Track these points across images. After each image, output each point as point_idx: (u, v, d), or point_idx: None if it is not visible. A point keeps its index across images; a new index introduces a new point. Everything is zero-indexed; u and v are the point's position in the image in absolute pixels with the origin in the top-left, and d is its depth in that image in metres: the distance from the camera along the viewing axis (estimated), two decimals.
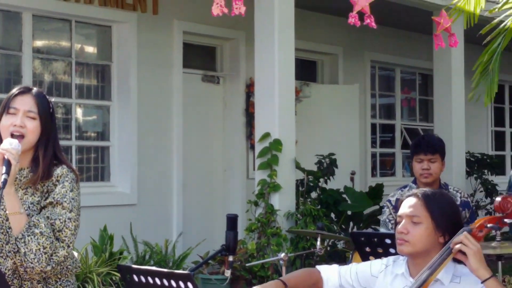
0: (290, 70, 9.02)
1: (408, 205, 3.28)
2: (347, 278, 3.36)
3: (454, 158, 11.13)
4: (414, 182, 5.41)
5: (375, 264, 3.39)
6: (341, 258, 9.61)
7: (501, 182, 13.15)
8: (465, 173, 11.70)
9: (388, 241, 3.66)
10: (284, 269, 5.21)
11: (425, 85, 14.44)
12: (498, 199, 3.28)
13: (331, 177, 9.72)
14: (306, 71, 12.01)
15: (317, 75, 12.36)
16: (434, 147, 5.27)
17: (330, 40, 11.98)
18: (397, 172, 13.66)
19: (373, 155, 13.18)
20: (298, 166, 9.11)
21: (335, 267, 3.43)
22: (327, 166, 9.63)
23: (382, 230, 5.31)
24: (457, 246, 3.08)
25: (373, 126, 13.09)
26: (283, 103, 8.87)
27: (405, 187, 5.42)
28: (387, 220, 5.31)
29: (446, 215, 3.22)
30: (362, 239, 3.78)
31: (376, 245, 3.74)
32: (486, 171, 12.43)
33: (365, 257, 3.79)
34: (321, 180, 9.65)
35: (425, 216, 3.21)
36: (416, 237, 3.20)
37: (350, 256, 5.09)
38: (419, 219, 3.22)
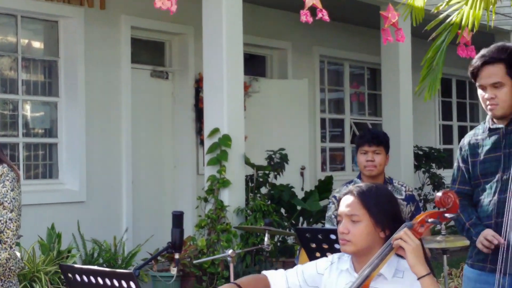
0: (239, 65, 9.01)
1: (346, 204, 3.26)
2: (294, 280, 3.35)
3: (402, 152, 11.24)
4: (359, 177, 5.42)
5: (321, 262, 3.39)
6: (291, 254, 9.63)
7: (448, 175, 13.23)
8: (413, 167, 11.81)
9: (333, 236, 3.66)
10: (231, 265, 5.21)
11: (374, 79, 14.54)
12: (439, 194, 3.28)
13: (281, 173, 9.72)
14: (255, 66, 12.01)
15: (266, 70, 12.36)
16: (378, 138, 5.31)
17: (279, 35, 11.99)
18: (347, 167, 13.73)
19: (323, 150, 13.23)
20: (247, 162, 9.11)
21: (281, 271, 3.41)
22: (278, 161, 9.63)
23: (328, 225, 5.33)
24: (396, 242, 3.08)
25: (323, 120, 13.14)
26: (232, 98, 8.86)
27: (350, 182, 5.42)
28: (333, 216, 5.32)
29: (384, 210, 3.21)
30: (307, 235, 3.78)
31: (321, 241, 3.74)
32: (434, 165, 12.55)
33: (310, 253, 3.80)
34: (271, 175, 9.66)
35: (363, 214, 3.20)
36: (356, 236, 3.19)
37: (298, 251, 5.09)
38: (357, 218, 3.20)
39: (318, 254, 3.78)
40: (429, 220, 3.20)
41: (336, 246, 3.66)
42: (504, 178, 3.87)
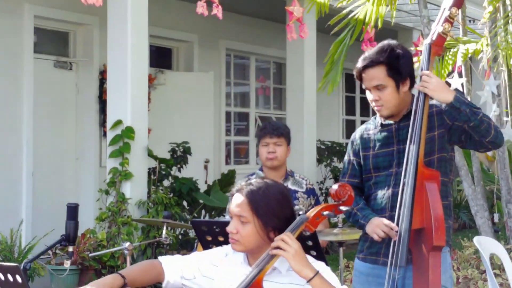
0: (144, 56, 8.95)
1: (235, 203, 3.23)
2: (189, 268, 3.33)
3: (306, 146, 11.36)
4: (261, 169, 5.47)
5: (216, 253, 3.39)
6: (192, 247, 9.60)
7: None
8: (316, 160, 11.94)
9: None
10: (128, 258, 5.17)
11: (280, 73, 14.63)
12: (335, 186, 3.33)
13: (184, 165, 9.69)
14: (161, 58, 11.96)
15: (172, 62, 12.31)
16: (279, 130, 5.37)
17: (185, 27, 11.95)
18: (251, 160, 13.79)
19: (228, 143, 13.26)
20: (150, 154, 9.06)
21: (177, 257, 3.38)
22: (181, 154, 9.60)
23: (228, 218, 5.34)
24: (274, 251, 3.07)
25: (228, 114, 13.16)
26: (136, 90, 8.78)
27: (252, 174, 5.46)
28: None
29: (274, 211, 3.18)
30: (203, 227, 3.77)
31: (217, 234, 3.74)
32: (335, 158, 12.71)
33: (206, 246, 3.80)
34: (174, 168, 9.62)
35: (251, 215, 3.17)
36: (245, 237, 3.18)
37: (195, 244, 5.09)
38: (245, 219, 3.18)
39: (214, 247, 3.78)
40: (324, 212, 3.24)
41: None
42: (398, 172, 3.92)
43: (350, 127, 16.30)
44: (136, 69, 8.79)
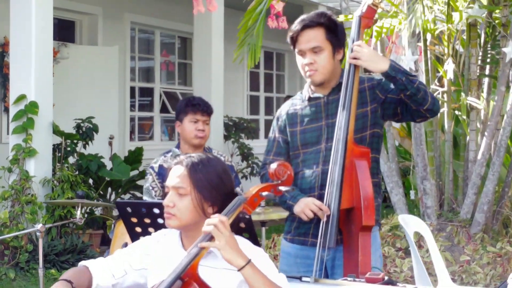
0: (48, 29, 8.62)
1: (175, 175, 3.07)
2: (118, 266, 3.13)
3: (213, 122, 11.05)
4: (178, 146, 5.29)
5: (146, 242, 3.20)
6: (98, 226, 9.40)
7: (256, 145, 13.44)
8: (223, 137, 11.82)
9: (156, 210, 3.49)
10: (41, 240, 4.93)
11: (184, 48, 14.41)
12: (274, 165, 3.19)
13: (90, 142, 9.41)
14: (64, 31, 11.57)
15: (76, 35, 11.94)
16: (210, 108, 5.22)
17: None
18: (155, 136, 13.56)
19: (132, 119, 12.99)
20: (55, 130, 8.77)
21: (100, 260, 3.16)
22: (86, 130, 9.31)
23: (145, 198, 5.17)
24: (206, 243, 2.90)
25: (132, 89, 12.88)
26: (40, 64, 8.47)
27: (168, 152, 5.29)
28: (150, 188, 5.16)
29: (212, 185, 3.04)
30: (128, 209, 3.59)
31: (143, 216, 3.57)
32: (243, 135, 12.61)
33: (131, 228, 3.63)
34: (80, 144, 9.33)
35: (190, 187, 3.03)
36: (182, 210, 3.02)
37: (113, 225, 4.90)
38: (184, 191, 3.03)
39: (139, 229, 3.61)
40: (263, 193, 3.12)
41: (160, 220, 3.51)
42: (327, 148, 3.80)
43: (254, 103, 16.24)
44: (41, 42, 8.48)
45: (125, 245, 4.65)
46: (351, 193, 3.68)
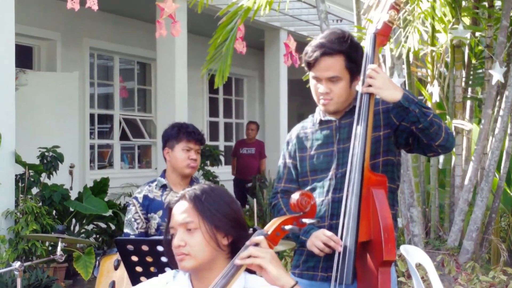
0: (10, 55, 8.28)
1: (179, 211, 2.78)
2: None
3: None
4: (163, 175, 5.00)
5: (152, 285, 2.90)
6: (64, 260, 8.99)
7: (222, 172, 13.18)
8: None
9: (160, 248, 3.21)
10: (19, 280, 4.59)
11: (144, 74, 14.11)
12: (296, 196, 2.90)
13: (55, 172, 9.03)
14: (22, 57, 11.18)
15: (34, 61, 11.57)
16: (204, 137, 4.94)
17: (48, 24, 11.26)
18: (115, 164, 13.20)
19: (91, 147, 12.62)
20: (18, 160, 8.39)
21: None
22: (51, 160, 8.93)
23: (126, 231, 4.86)
24: (247, 261, 2.64)
25: (92, 116, 12.52)
26: (2, 92, 8.11)
27: (152, 181, 5.00)
28: (133, 220, 4.85)
29: (224, 213, 2.77)
30: (129, 246, 3.29)
31: (145, 254, 3.27)
32: (208, 162, 12.33)
33: (130, 268, 3.34)
34: (43, 175, 8.94)
35: (200, 219, 2.74)
36: (195, 247, 2.72)
37: (97, 262, 4.56)
38: (194, 225, 2.74)
39: (139, 269, 3.32)
40: (286, 227, 2.84)
41: (163, 259, 3.23)
42: (338, 175, 3.56)
43: (214, 129, 15.98)
44: (2, 69, 8.14)
45: (112, 283, 4.35)
46: (368, 225, 3.41)
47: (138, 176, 12.66)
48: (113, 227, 9.98)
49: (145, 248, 3.27)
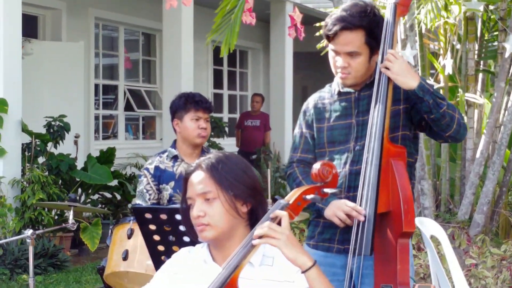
0: (17, 24, 8.27)
1: (196, 182, 2.72)
2: None
3: None
4: (173, 146, 4.95)
5: (171, 265, 2.82)
6: (68, 230, 8.96)
7: (227, 144, 13.15)
8: None
9: (178, 217, 3.17)
10: (31, 248, 4.57)
11: (148, 45, 14.03)
12: (317, 166, 2.85)
13: (61, 141, 9.00)
14: (27, 26, 11.08)
15: (39, 31, 11.49)
16: (212, 105, 4.88)
17: None
18: (120, 136, 13.15)
19: (96, 117, 12.56)
20: (24, 129, 8.36)
21: None
22: (58, 129, 8.90)
23: (138, 202, 4.82)
24: (260, 240, 2.57)
25: (96, 86, 12.46)
26: (9, 61, 8.09)
27: (163, 152, 4.96)
28: (145, 191, 4.81)
29: (241, 181, 2.72)
30: (147, 215, 3.26)
31: (163, 223, 3.24)
32: (213, 133, 12.29)
33: (148, 236, 3.31)
34: (49, 144, 8.91)
35: (218, 188, 2.69)
36: (215, 216, 2.68)
37: (110, 231, 4.54)
38: (212, 195, 2.68)
39: (157, 238, 3.29)
40: (308, 197, 2.78)
41: (181, 228, 3.19)
42: (356, 148, 3.51)
43: (218, 101, 15.92)
44: (9, 38, 8.13)
45: (125, 252, 4.32)
46: (387, 196, 3.37)
47: (143, 147, 12.62)
48: (118, 197, 9.97)
49: (163, 216, 3.23)
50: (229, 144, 13.68)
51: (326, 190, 2.85)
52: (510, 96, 6.41)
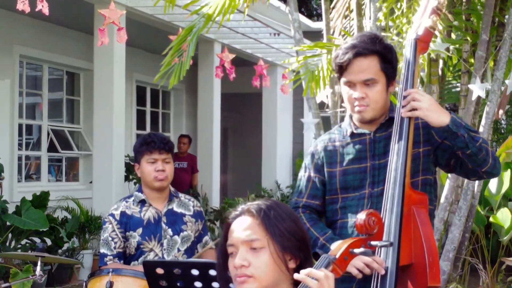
0: None
1: (242, 227, 2.45)
2: None
3: (115, 161, 10.50)
4: (139, 190, 4.67)
5: None
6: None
7: None
8: (123, 177, 11.09)
9: (195, 272, 2.88)
10: None
11: (72, 84, 13.59)
12: (362, 216, 2.63)
13: None
14: None
15: None
16: (169, 144, 4.59)
17: None
18: (43, 177, 12.63)
19: (19, 158, 12.03)
20: None
21: None
22: None
23: (103, 251, 4.51)
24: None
25: (20, 126, 11.95)
26: None
27: (129, 197, 4.67)
28: (110, 238, 4.51)
29: (291, 233, 2.46)
30: (158, 270, 2.95)
31: (175, 278, 2.95)
32: None
33: None
34: None
35: (267, 238, 2.43)
36: (261, 268, 2.40)
37: (84, 285, 4.19)
38: (260, 244, 2.42)
39: None
40: (356, 250, 2.56)
41: (197, 284, 2.91)
42: (374, 194, 3.29)
43: None
44: None
45: None
46: (410, 247, 3.15)
47: (69, 189, 12.14)
48: (49, 242, 9.51)
49: (177, 271, 2.94)
50: None
51: (374, 243, 2.64)
52: None
